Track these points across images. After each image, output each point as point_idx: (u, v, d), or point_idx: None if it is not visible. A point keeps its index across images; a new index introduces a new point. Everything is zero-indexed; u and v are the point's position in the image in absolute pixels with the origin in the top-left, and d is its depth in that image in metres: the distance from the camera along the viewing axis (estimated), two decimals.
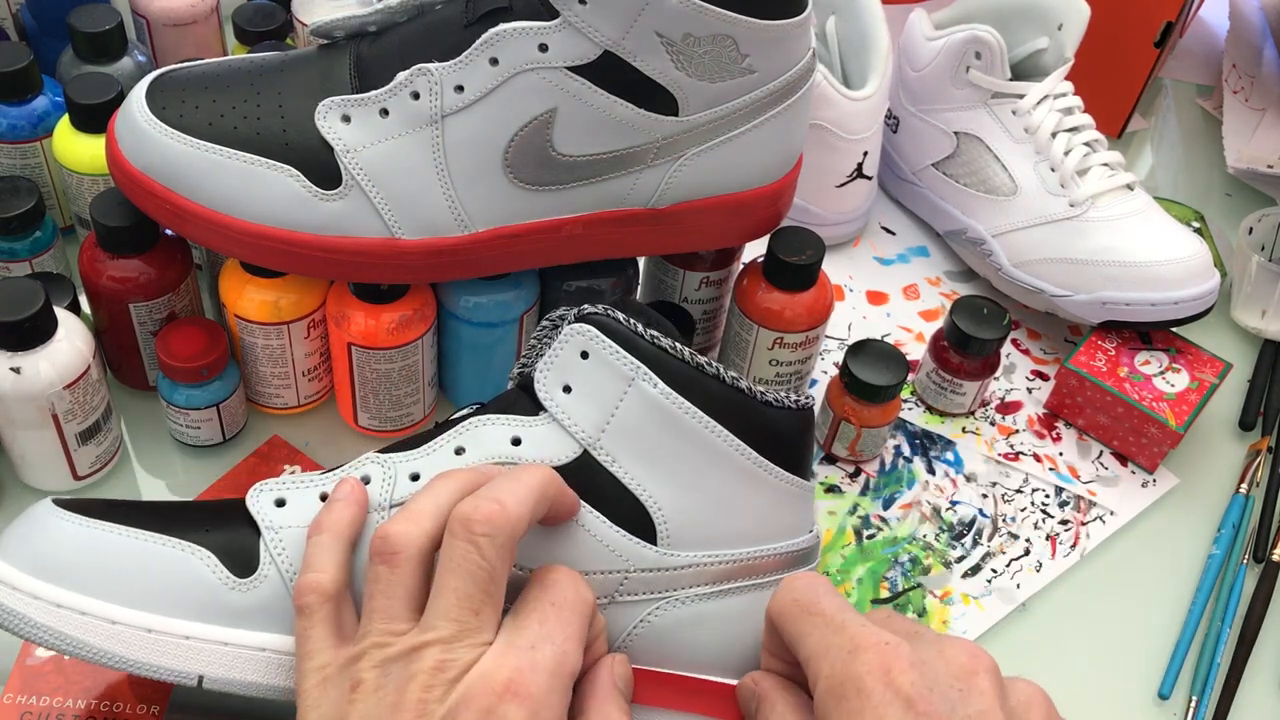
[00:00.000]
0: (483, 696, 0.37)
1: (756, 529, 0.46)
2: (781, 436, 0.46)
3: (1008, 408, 0.73)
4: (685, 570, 0.45)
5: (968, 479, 0.68)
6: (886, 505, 0.66)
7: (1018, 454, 0.70)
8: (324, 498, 0.46)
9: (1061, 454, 0.71)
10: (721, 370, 0.45)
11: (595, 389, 0.45)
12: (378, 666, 0.39)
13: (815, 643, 0.39)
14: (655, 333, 0.45)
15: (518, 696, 0.37)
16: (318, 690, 0.40)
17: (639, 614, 0.45)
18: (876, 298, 0.78)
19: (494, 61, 0.53)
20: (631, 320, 0.45)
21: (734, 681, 0.46)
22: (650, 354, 0.45)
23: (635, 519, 0.45)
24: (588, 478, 0.45)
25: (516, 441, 0.45)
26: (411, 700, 0.37)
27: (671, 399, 0.44)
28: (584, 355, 0.45)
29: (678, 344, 0.45)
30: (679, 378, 0.45)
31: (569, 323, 0.46)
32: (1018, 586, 0.64)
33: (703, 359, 0.45)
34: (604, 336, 0.45)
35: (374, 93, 0.54)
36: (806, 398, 0.47)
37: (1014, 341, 0.76)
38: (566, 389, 0.45)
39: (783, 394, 0.46)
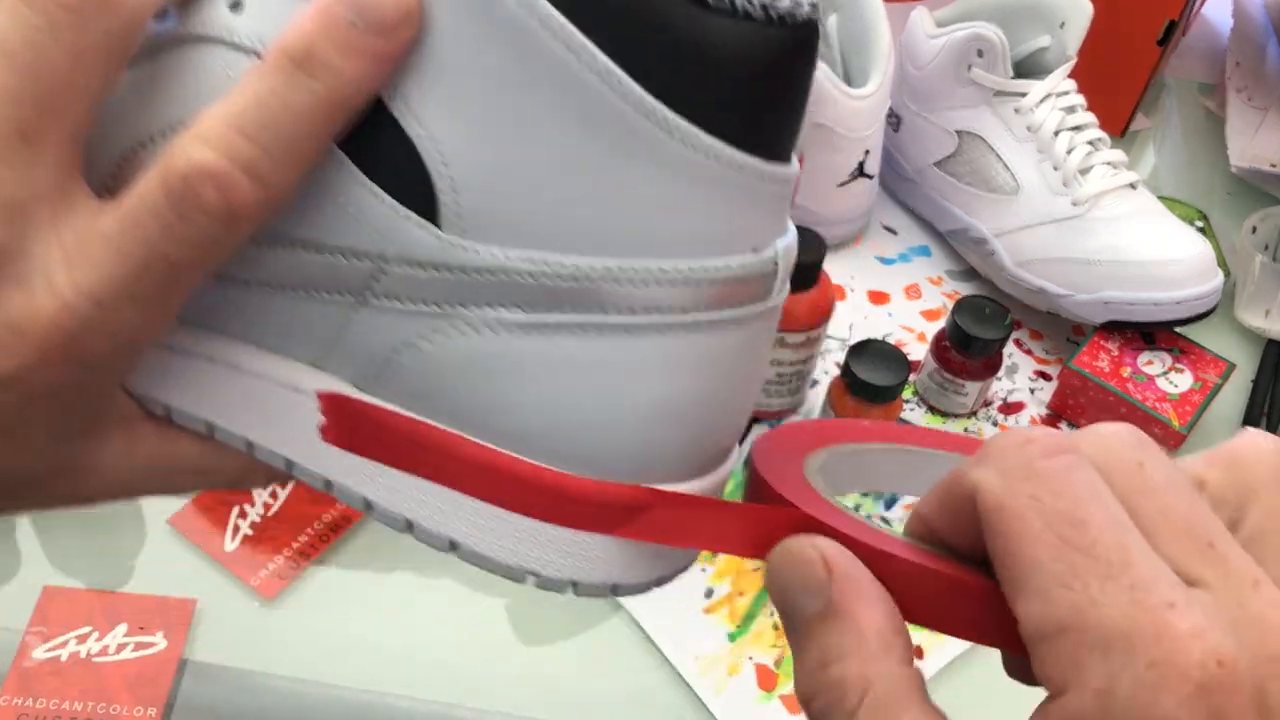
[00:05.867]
0: None
1: (632, 227, 0.27)
2: (724, 72, 0.26)
3: (1010, 408, 0.72)
4: (486, 277, 0.27)
5: None
6: (889, 506, 0.66)
7: None
8: None
9: None
10: None
11: None
12: None
13: (1075, 611, 0.22)
14: None
15: None
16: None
17: (403, 333, 0.28)
18: (878, 297, 0.78)
19: None
20: None
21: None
22: None
23: (410, 179, 0.27)
24: None
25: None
26: None
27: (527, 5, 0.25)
28: None
29: None
30: None
31: None
32: None
33: None
34: None
35: None
36: (810, 5, 0.26)
37: (1016, 342, 0.76)
38: None
39: None
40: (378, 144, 0.27)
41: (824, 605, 0.25)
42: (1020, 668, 0.27)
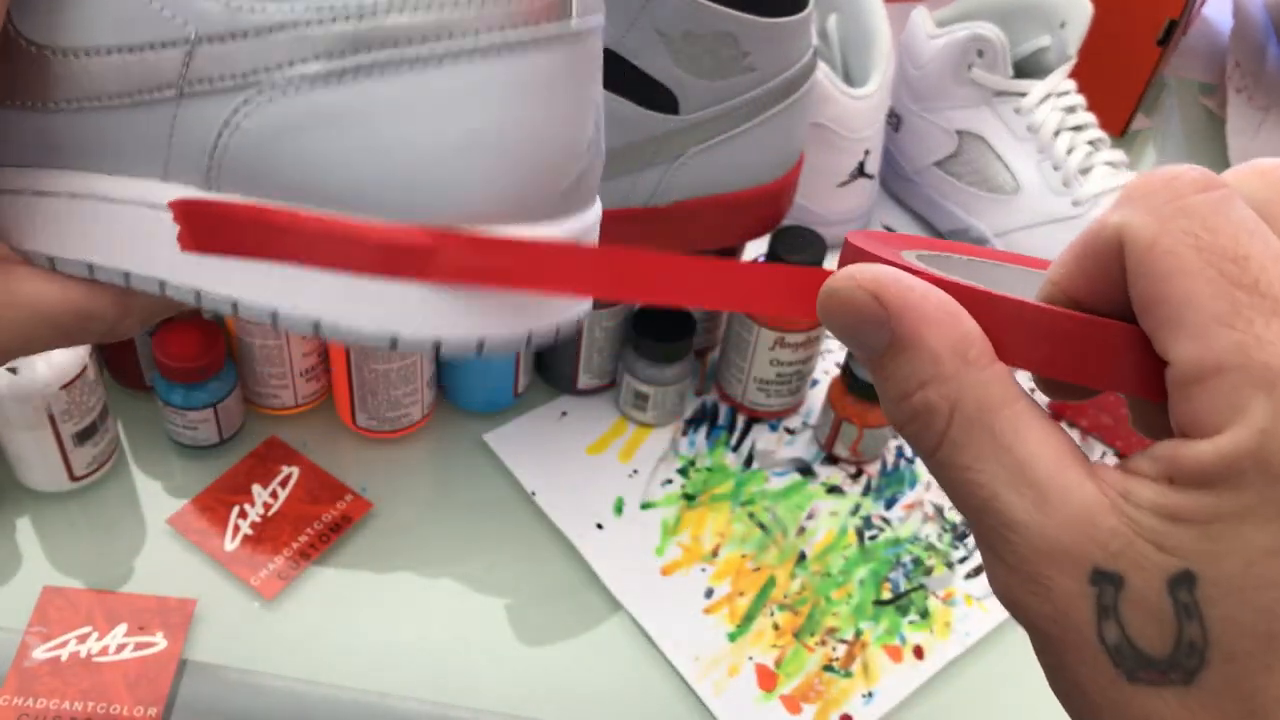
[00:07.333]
0: None
1: None
2: None
3: None
4: (279, 35, 0.28)
5: None
6: (889, 506, 0.66)
7: None
8: None
9: None
10: None
11: None
12: None
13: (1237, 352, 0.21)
14: None
15: None
16: None
17: (222, 114, 0.29)
18: None
19: None
20: None
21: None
22: None
23: None
24: None
25: None
26: None
27: None
28: None
29: None
30: None
31: None
32: None
33: None
34: None
35: None
36: None
37: None
38: None
39: None
40: None
41: (889, 337, 0.24)
42: (1150, 420, 0.27)
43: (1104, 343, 0.24)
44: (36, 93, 0.30)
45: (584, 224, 0.31)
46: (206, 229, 0.29)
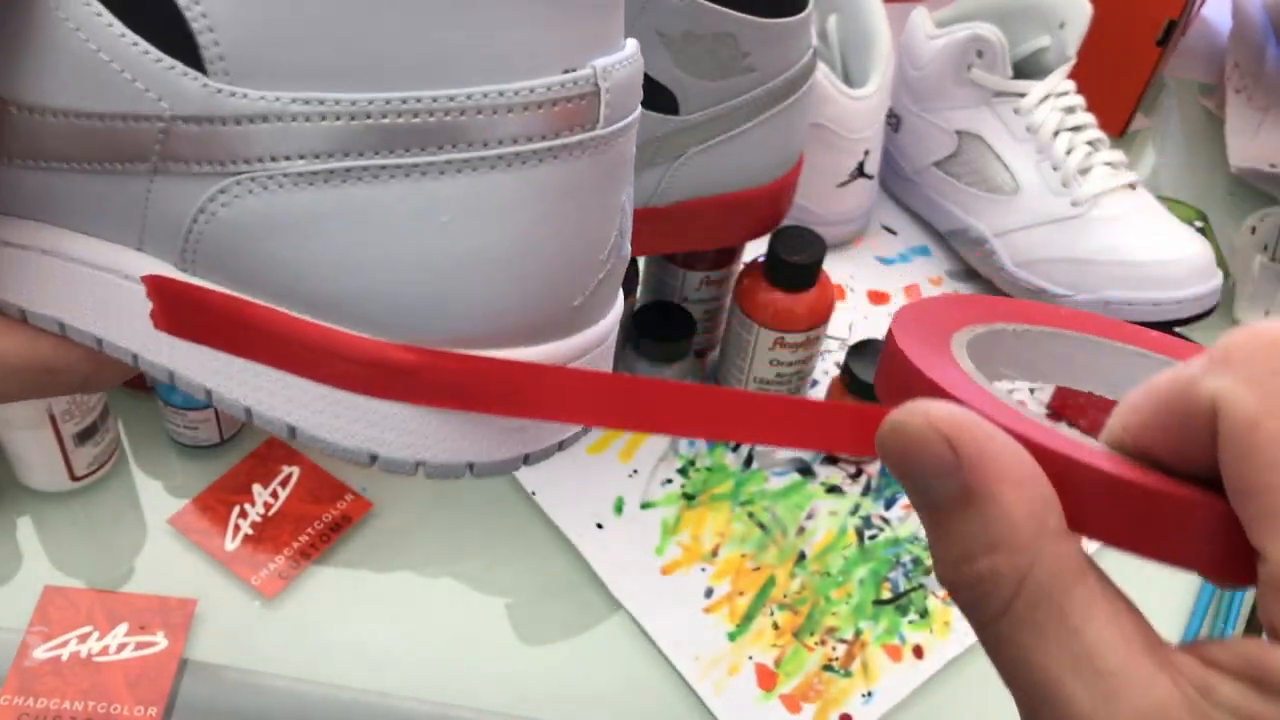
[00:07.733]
0: None
1: (414, 52, 0.23)
2: None
3: None
4: (261, 126, 0.25)
5: None
6: (888, 506, 0.66)
7: None
8: None
9: None
10: None
11: None
12: None
13: None
14: None
15: None
16: None
17: (197, 199, 0.26)
18: (878, 297, 0.78)
19: None
20: None
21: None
22: None
23: (166, 23, 0.24)
24: None
25: None
26: None
27: None
28: None
29: None
30: None
31: None
32: None
33: None
34: None
35: None
36: None
37: None
38: None
39: None
40: (151, 4, 0.24)
41: (958, 490, 0.21)
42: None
43: (1190, 521, 0.21)
44: (1, 146, 0.27)
45: (596, 335, 0.28)
46: (179, 312, 0.27)
